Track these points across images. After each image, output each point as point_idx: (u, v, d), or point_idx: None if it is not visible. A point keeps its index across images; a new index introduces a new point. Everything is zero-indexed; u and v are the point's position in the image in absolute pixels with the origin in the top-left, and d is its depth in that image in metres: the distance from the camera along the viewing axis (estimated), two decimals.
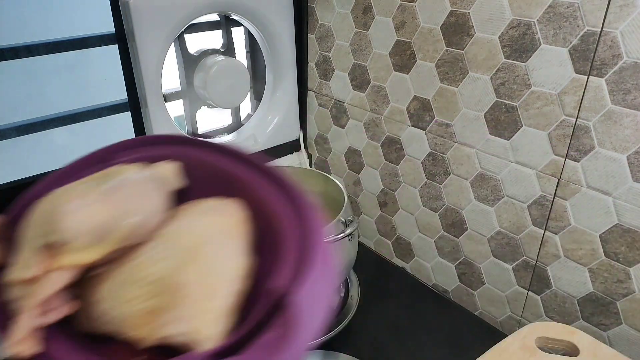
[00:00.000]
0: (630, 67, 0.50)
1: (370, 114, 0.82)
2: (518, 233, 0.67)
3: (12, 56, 0.64)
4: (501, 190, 0.67)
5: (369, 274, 0.81)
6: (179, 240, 0.35)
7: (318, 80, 0.91)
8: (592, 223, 0.59)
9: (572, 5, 0.53)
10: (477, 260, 0.74)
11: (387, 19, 0.73)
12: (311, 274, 0.31)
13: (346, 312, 0.72)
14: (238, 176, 0.40)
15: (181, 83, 0.82)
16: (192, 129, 0.86)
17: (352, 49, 0.81)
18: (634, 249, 0.56)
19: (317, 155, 0.99)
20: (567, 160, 0.59)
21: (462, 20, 0.64)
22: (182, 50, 0.79)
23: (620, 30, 0.50)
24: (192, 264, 0.33)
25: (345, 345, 0.67)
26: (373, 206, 0.89)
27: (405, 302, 0.76)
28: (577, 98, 0.55)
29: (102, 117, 0.75)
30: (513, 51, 0.60)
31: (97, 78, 1.37)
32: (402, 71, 0.74)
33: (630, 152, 0.53)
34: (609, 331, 0.61)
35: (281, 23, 0.85)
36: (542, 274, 0.66)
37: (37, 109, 1.33)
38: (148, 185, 0.37)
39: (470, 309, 0.77)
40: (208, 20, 0.82)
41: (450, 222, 0.76)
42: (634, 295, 0.58)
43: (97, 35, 0.70)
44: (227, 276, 0.34)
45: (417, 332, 0.70)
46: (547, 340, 0.53)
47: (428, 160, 0.75)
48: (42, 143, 1.19)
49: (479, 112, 0.66)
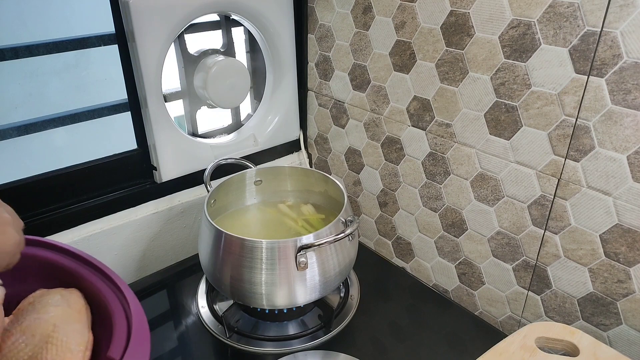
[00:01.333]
0: (631, 67, 0.50)
1: (370, 114, 0.82)
2: (518, 233, 0.67)
3: (12, 56, 0.65)
4: (501, 190, 0.67)
5: (369, 274, 0.81)
6: (37, 329, 0.46)
7: (318, 80, 0.91)
8: (592, 223, 0.59)
9: (572, 5, 0.53)
10: (477, 260, 0.74)
11: (387, 19, 0.73)
12: (135, 344, 0.44)
13: (346, 312, 0.72)
14: (73, 269, 0.54)
15: (181, 83, 0.82)
16: (192, 129, 0.86)
17: (352, 49, 0.81)
18: (634, 249, 0.56)
19: (317, 155, 0.99)
20: (567, 160, 0.59)
21: (462, 20, 0.64)
22: (182, 50, 0.79)
23: (620, 30, 0.50)
24: (51, 345, 0.44)
25: (345, 345, 0.67)
26: (373, 206, 0.89)
27: (405, 302, 0.76)
28: (577, 98, 0.56)
29: (102, 117, 0.76)
30: (513, 51, 0.60)
31: (97, 78, 1.37)
32: (402, 71, 0.74)
33: (631, 152, 0.53)
34: (609, 331, 0.61)
35: (281, 23, 0.85)
36: (542, 274, 0.66)
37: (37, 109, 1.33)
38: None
39: (470, 309, 0.77)
40: (208, 20, 0.82)
41: (450, 222, 0.76)
42: (634, 295, 0.58)
43: (97, 35, 0.70)
44: (77, 351, 0.46)
45: (417, 332, 0.70)
46: (547, 340, 0.53)
47: (428, 160, 0.75)
48: (42, 143, 1.19)
49: (479, 112, 0.66)
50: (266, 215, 0.81)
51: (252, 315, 0.71)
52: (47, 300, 0.50)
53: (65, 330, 0.46)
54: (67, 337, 0.46)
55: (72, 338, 0.46)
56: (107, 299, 0.50)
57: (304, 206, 0.81)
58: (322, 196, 0.81)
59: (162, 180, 0.80)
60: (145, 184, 0.80)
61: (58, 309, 0.48)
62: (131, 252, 0.81)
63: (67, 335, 0.46)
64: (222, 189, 0.76)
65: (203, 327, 0.70)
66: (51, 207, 0.72)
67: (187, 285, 0.79)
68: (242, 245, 0.62)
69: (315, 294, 0.65)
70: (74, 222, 0.74)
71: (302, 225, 0.76)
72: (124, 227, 0.78)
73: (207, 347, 0.68)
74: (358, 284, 0.78)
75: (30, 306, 0.50)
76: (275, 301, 0.64)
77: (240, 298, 0.65)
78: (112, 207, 0.77)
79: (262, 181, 0.82)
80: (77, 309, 0.50)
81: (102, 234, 0.76)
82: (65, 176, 0.72)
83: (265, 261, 0.61)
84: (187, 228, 0.87)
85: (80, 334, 0.47)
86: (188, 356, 0.66)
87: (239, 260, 0.62)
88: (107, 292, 0.51)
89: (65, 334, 0.46)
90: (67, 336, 0.46)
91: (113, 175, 0.77)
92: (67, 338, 0.46)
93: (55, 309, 0.48)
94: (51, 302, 0.49)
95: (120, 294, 0.51)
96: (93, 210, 0.75)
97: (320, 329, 0.69)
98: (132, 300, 0.49)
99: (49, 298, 0.51)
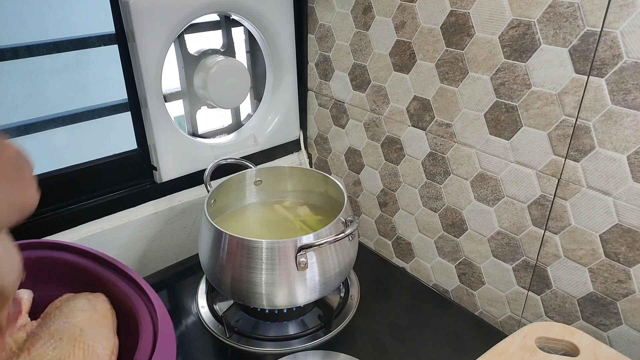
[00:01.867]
0: (631, 67, 0.50)
1: (370, 114, 0.82)
2: (518, 233, 0.67)
3: (12, 56, 0.65)
4: (501, 190, 0.67)
5: (369, 274, 0.81)
6: (65, 332, 0.47)
7: (318, 80, 0.91)
8: (592, 223, 0.59)
9: (572, 5, 0.53)
10: (477, 260, 0.74)
11: (387, 19, 0.73)
12: (161, 351, 0.45)
13: (346, 312, 0.72)
14: (99, 273, 0.55)
15: (181, 83, 0.82)
16: (192, 129, 0.86)
17: (352, 49, 0.81)
18: (634, 249, 0.56)
19: (317, 155, 0.99)
20: (567, 160, 0.59)
21: (462, 20, 0.64)
22: (182, 50, 0.79)
23: (620, 30, 0.50)
24: (78, 349, 0.46)
25: (345, 345, 0.67)
26: (373, 206, 0.89)
27: (405, 302, 0.76)
28: (577, 98, 0.55)
29: (102, 117, 0.76)
30: (513, 51, 0.60)
31: (97, 78, 1.37)
32: (402, 71, 0.74)
33: (631, 152, 0.53)
34: (609, 331, 0.61)
35: (281, 23, 0.85)
36: (542, 274, 0.66)
37: (37, 109, 1.33)
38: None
39: (470, 309, 0.77)
40: (208, 20, 0.82)
41: (450, 222, 0.76)
42: (634, 295, 0.58)
43: (97, 35, 0.70)
44: (103, 355, 0.47)
45: (417, 332, 0.70)
46: (547, 340, 0.53)
47: (428, 160, 0.75)
48: (42, 143, 1.19)
49: (479, 112, 0.66)
50: (266, 215, 0.81)
51: (252, 315, 0.71)
52: (74, 305, 0.51)
53: (92, 335, 0.47)
54: (94, 341, 0.47)
55: (98, 342, 0.47)
56: (134, 304, 0.51)
57: (300, 207, 0.81)
58: (322, 196, 0.81)
59: (162, 180, 0.80)
60: (145, 184, 0.80)
61: (85, 314, 0.50)
62: (131, 252, 0.81)
63: (93, 339, 0.47)
64: (222, 189, 0.76)
65: (203, 327, 0.70)
66: (51, 207, 0.72)
67: (187, 285, 0.79)
68: (242, 245, 0.62)
69: (315, 294, 0.65)
70: (74, 222, 0.74)
71: (301, 227, 0.76)
72: (124, 227, 0.78)
73: (207, 347, 0.68)
74: (358, 284, 0.78)
75: (58, 310, 0.51)
76: (275, 301, 0.64)
77: (240, 298, 0.65)
78: (112, 207, 0.77)
79: (262, 181, 0.82)
80: (102, 314, 0.51)
81: (102, 234, 0.76)
82: (65, 176, 0.72)
83: (265, 261, 0.61)
84: (187, 228, 0.87)
85: (106, 339, 0.48)
86: (188, 356, 0.66)
87: (239, 260, 0.62)
88: (133, 296, 0.52)
89: (92, 338, 0.47)
90: (94, 340, 0.47)
91: (113, 175, 0.77)
92: (94, 342, 0.47)
93: (82, 314, 0.50)
94: (78, 307, 0.51)
95: (147, 298, 0.51)
96: (93, 210, 0.75)
97: (320, 329, 0.69)
98: (158, 306, 0.49)
99: (75, 302, 0.52)
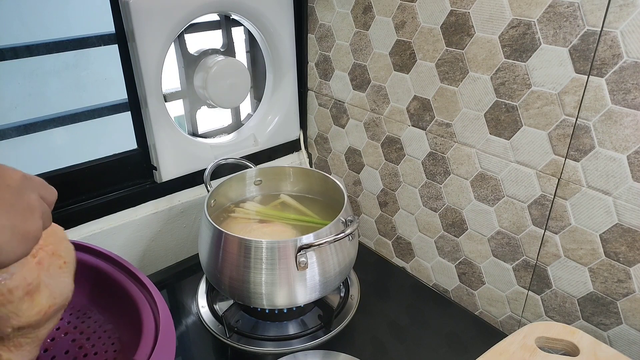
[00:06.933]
0: (631, 66, 0.50)
1: (370, 113, 0.82)
2: (518, 233, 0.67)
3: (11, 56, 0.64)
4: (501, 190, 0.67)
5: (369, 274, 0.81)
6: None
7: (318, 80, 0.91)
8: (592, 223, 0.59)
9: (572, 5, 0.53)
10: (477, 260, 0.74)
11: (387, 18, 0.73)
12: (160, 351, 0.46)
13: (346, 312, 0.72)
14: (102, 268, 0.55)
15: (181, 83, 0.82)
16: (192, 129, 0.86)
17: (352, 48, 0.81)
18: (634, 248, 0.56)
19: (317, 155, 0.99)
20: (567, 160, 0.59)
21: (462, 20, 0.64)
22: (182, 50, 0.79)
23: (620, 30, 0.50)
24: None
25: (345, 345, 0.67)
26: (373, 206, 0.89)
27: (405, 302, 0.76)
28: (577, 98, 0.56)
29: (102, 117, 0.76)
30: (513, 51, 0.60)
31: (96, 78, 1.37)
32: (402, 71, 0.74)
33: (630, 152, 0.53)
34: (609, 331, 0.61)
35: (281, 23, 0.85)
36: (542, 274, 0.66)
37: (37, 109, 1.33)
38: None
39: (470, 309, 0.77)
40: (208, 20, 0.82)
41: (450, 222, 0.76)
42: (634, 295, 0.58)
43: (97, 35, 0.70)
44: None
45: (417, 332, 0.70)
46: (547, 340, 0.53)
47: (428, 160, 0.75)
48: (42, 143, 1.19)
49: (479, 112, 0.66)
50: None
51: (252, 315, 0.71)
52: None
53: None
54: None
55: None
56: (135, 298, 0.51)
57: (283, 196, 0.81)
58: (322, 196, 0.81)
59: (162, 180, 0.80)
60: (145, 184, 0.80)
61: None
62: (131, 252, 0.81)
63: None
64: (222, 189, 0.76)
65: (203, 327, 0.70)
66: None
67: (187, 285, 0.79)
68: (242, 245, 0.62)
69: (315, 294, 0.65)
70: (73, 222, 0.74)
71: (294, 218, 0.76)
72: (124, 227, 0.78)
73: (207, 347, 0.68)
74: (358, 283, 0.78)
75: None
76: (275, 301, 0.64)
77: (240, 298, 0.65)
78: (112, 207, 0.77)
79: (262, 181, 0.82)
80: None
81: (102, 234, 0.76)
82: (65, 176, 0.72)
83: (265, 261, 0.61)
84: (187, 228, 0.87)
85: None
86: (188, 356, 0.66)
87: (239, 260, 0.62)
88: (134, 290, 0.52)
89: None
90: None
91: (113, 175, 0.77)
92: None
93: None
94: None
95: (150, 297, 0.51)
96: (93, 210, 0.75)
97: (320, 328, 0.69)
98: (161, 306, 0.49)
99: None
